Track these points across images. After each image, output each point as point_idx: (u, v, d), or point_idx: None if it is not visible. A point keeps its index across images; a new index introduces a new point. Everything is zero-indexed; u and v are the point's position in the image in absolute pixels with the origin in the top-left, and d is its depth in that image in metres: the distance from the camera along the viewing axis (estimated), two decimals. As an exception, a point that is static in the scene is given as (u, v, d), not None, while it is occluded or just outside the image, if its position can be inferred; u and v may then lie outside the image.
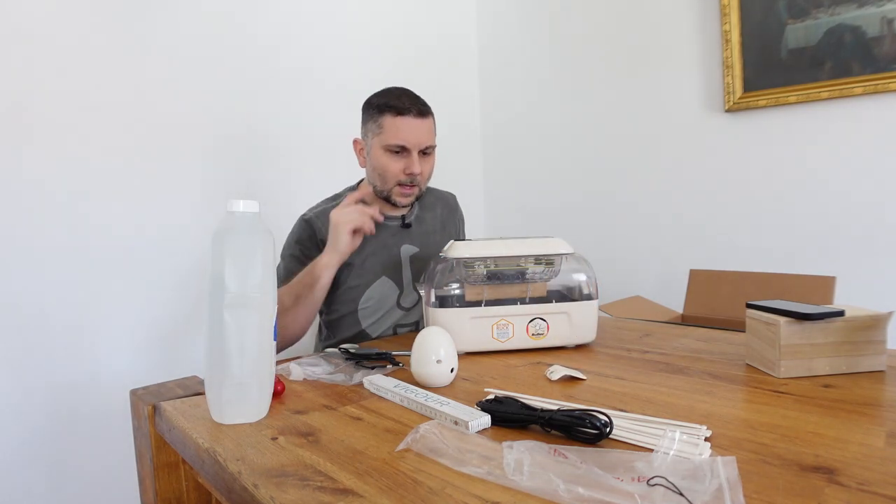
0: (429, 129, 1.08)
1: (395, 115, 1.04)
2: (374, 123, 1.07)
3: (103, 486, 1.28)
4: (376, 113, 1.06)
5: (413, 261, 1.16)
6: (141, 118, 1.35)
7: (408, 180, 1.07)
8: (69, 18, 1.24)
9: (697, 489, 0.40)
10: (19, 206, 1.18)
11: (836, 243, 1.46)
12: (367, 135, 1.10)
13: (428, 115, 1.07)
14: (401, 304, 1.15)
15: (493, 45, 2.24)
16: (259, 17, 1.58)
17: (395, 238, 1.15)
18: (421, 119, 1.05)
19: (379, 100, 1.07)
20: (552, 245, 0.92)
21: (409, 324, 1.18)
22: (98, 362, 1.28)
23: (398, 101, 1.04)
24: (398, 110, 1.04)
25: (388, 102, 1.05)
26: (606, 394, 0.67)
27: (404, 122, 1.04)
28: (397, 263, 1.14)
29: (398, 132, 1.04)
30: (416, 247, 1.17)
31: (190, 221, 1.42)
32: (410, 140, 1.04)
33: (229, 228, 0.62)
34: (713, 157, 1.67)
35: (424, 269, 1.16)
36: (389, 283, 1.13)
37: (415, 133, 1.05)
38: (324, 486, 0.46)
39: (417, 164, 1.06)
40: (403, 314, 1.16)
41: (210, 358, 0.62)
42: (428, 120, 1.08)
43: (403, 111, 1.04)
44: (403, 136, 1.04)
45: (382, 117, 1.05)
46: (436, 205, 1.26)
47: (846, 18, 1.39)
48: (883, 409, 0.58)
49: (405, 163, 1.06)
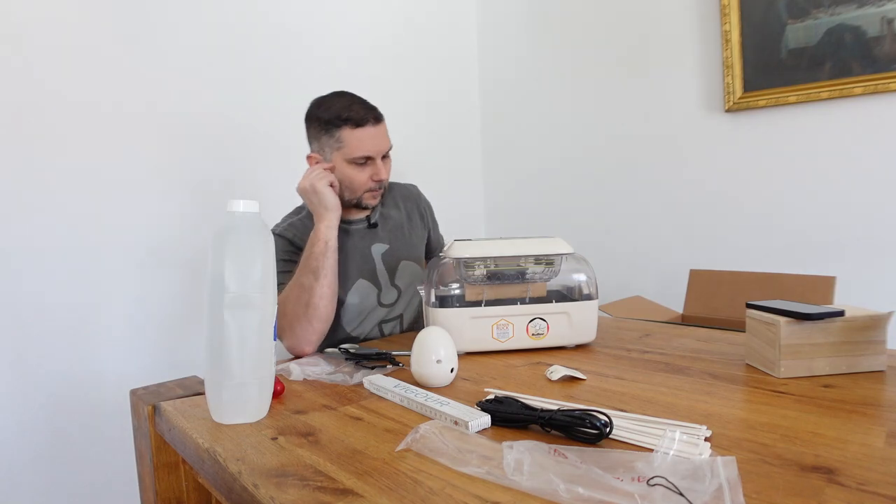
0: (385, 132, 1.09)
1: (353, 127, 1.03)
2: (330, 138, 1.05)
3: (103, 486, 1.28)
4: (332, 128, 1.04)
5: (385, 258, 1.16)
6: (141, 118, 1.35)
7: (376, 186, 1.10)
8: (69, 19, 1.23)
9: (697, 489, 0.40)
10: (19, 205, 1.18)
11: (836, 243, 1.46)
12: (323, 149, 1.07)
13: (382, 119, 1.08)
14: (381, 301, 1.15)
15: (493, 45, 2.24)
16: (259, 18, 1.58)
17: (364, 240, 1.16)
18: (378, 125, 1.06)
19: (329, 113, 1.05)
20: (552, 245, 0.92)
21: (393, 318, 1.18)
22: (98, 362, 1.28)
23: (353, 112, 1.03)
24: (356, 122, 1.03)
25: (342, 115, 1.03)
26: (606, 394, 0.67)
27: (365, 132, 1.03)
28: (371, 264, 1.15)
29: (361, 144, 1.04)
30: (385, 244, 1.17)
31: (190, 221, 1.42)
32: (374, 150, 1.05)
33: (229, 228, 0.63)
34: (713, 157, 1.67)
35: (398, 263, 1.18)
36: (367, 284, 1.13)
37: (377, 142, 1.06)
38: (324, 486, 0.46)
39: (384, 171, 1.09)
40: (387, 311, 1.17)
41: (210, 358, 0.62)
42: (383, 124, 1.08)
43: (361, 122, 1.03)
44: (367, 147, 1.04)
45: (340, 131, 1.04)
46: (398, 200, 1.26)
47: (846, 18, 1.39)
48: (883, 409, 0.58)
49: (371, 171, 1.07)
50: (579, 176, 2.00)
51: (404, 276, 1.18)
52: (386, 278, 1.16)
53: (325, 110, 1.06)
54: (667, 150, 1.76)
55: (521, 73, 2.15)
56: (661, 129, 1.77)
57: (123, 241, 1.32)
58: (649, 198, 1.82)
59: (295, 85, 1.65)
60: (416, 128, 2.04)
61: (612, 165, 1.90)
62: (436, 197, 1.39)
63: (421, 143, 2.05)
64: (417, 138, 2.04)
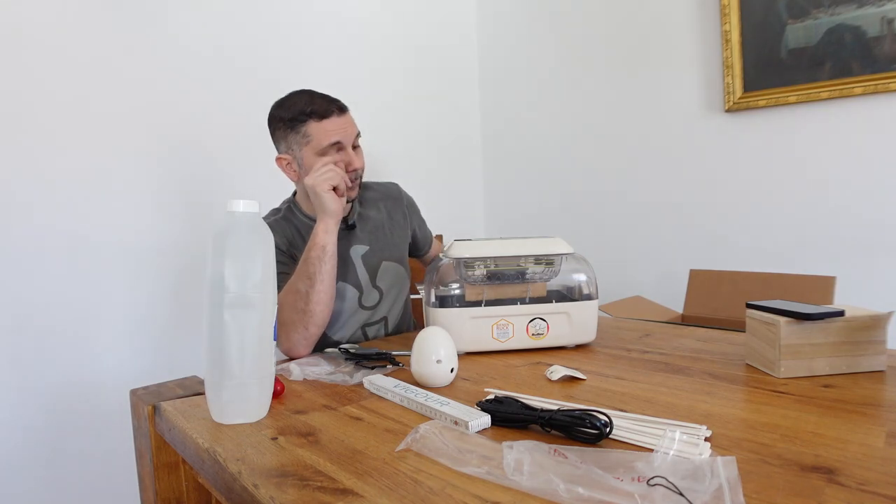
0: (351, 120, 1.07)
1: (318, 119, 1.03)
2: (297, 135, 1.04)
3: (103, 486, 1.28)
4: (297, 124, 1.04)
5: (366, 260, 1.14)
6: (141, 118, 1.35)
7: (352, 176, 1.07)
8: (69, 19, 1.23)
9: (697, 489, 0.40)
10: (19, 205, 1.18)
11: (836, 243, 1.46)
12: (291, 148, 1.06)
13: (346, 109, 1.07)
14: (363, 304, 1.14)
15: (493, 45, 2.24)
16: (259, 19, 1.58)
17: (342, 242, 1.12)
18: (343, 115, 1.05)
19: (291, 111, 1.04)
20: (552, 245, 0.92)
21: (377, 321, 1.16)
22: (98, 362, 1.28)
23: (315, 106, 1.03)
24: (320, 114, 1.03)
25: (305, 110, 1.03)
26: (606, 394, 0.67)
27: (331, 122, 1.03)
28: (350, 266, 1.13)
29: (328, 133, 1.03)
30: (365, 245, 1.15)
31: (190, 221, 1.42)
32: (342, 136, 1.04)
33: (229, 228, 0.62)
34: (713, 157, 1.67)
35: (379, 264, 1.15)
36: (347, 287, 1.12)
37: (344, 129, 1.04)
38: (324, 486, 0.46)
39: (356, 160, 1.07)
40: (369, 314, 1.15)
41: (210, 358, 0.62)
42: (348, 113, 1.07)
43: (326, 113, 1.03)
44: (335, 134, 1.03)
45: (305, 126, 1.03)
46: (377, 200, 1.24)
47: (846, 18, 1.39)
48: (883, 409, 0.58)
49: (343, 160, 1.06)
50: (579, 176, 2.00)
51: (386, 278, 1.16)
52: (367, 280, 1.14)
53: (287, 109, 1.05)
54: (667, 149, 1.76)
55: (521, 73, 2.15)
56: (661, 128, 1.77)
57: (123, 240, 1.32)
58: (649, 198, 1.82)
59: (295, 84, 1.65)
60: (416, 128, 2.04)
61: (612, 165, 1.90)
62: (436, 197, 1.38)
63: (421, 144, 2.05)
64: (417, 138, 2.04)
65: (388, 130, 1.92)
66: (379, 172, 1.88)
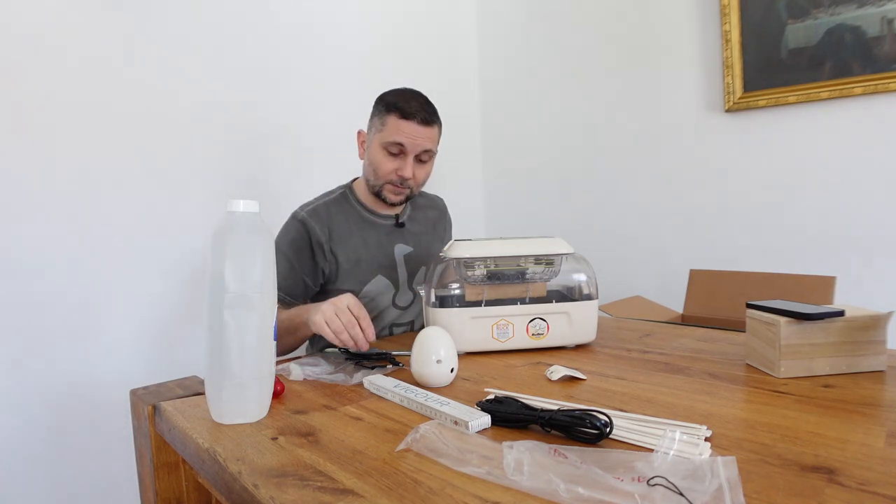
0: (430, 136, 1.08)
1: (399, 116, 1.04)
2: (378, 120, 1.08)
3: (103, 486, 1.28)
4: (384, 110, 1.07)
5: (407, 260, 1.17)
6: (141, 118, 1.35)
7: (398, 181, 1.08)
8: (70, 17, 1.23)
9: (697, 489, 0.40)
10: (19, 205, 1.18)
11: (836, 243, 1.46)
12: (370, 129, 1.11)
13: (433, 125, 1.07)
14: (396, 303, 1.16)
15: (493, 45, 2.24)
16: (260, 18, 1.58)
17: (389, 237, 1.16)
18: (424, 126, 1.06)
19: (390, 98, 1.08)
20: (552, 245, 0.92)
21: (404, 323, 1.18)
22: (98, 362, 1.28)
23: (406, 104, 1.05)
24: (404, 113, 1.04)
25: (397, 103, 1.05)
26: (606, 394, 0.67)
27: (407, 125, 1.04)
28: (392, 262, 1.15)
29: (398, 132, 1.05)
30: (409, 246, 1.18)
31: (190, 221, 1.42)
32: (407, 142, 1.05)
33: (229, 228, 0.62)
34: (713, 157, 1.67)
35: (418, 268, 1.17)
36: (385, 282, 1.14)
37: (413, 137, 1.05)
38: (324, 486, 0.46)
39: (409, 169, 1.07)
40: (399, 313, 1.17)
41: (210, 358, 0.62)
42: (432, 128, 1.07)
43: (409, 115, 1.04)
44: (402, 136, 1.05)
45: (388, 116, 1.06)
46: (426, 207, 1.28)
47: (846, 18, 1.39)
48: (883, 409, 0.58)
49: (399, 164, 1.07)
50: (580, 176, 2.00)
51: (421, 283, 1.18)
52: (405, 279, 1.16)
53: (390, 95, 1.09)
54: (667, 149, 1.76)
55: (521, 74, 2.15)
56: (661, 128, 1.77)
57: (123, 240, 1.32)
58: (649, 198, 1.82)
59: (295, 84, 1.65)
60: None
61: (612, 165, 1.90)
62: (435, 197, 1.39)
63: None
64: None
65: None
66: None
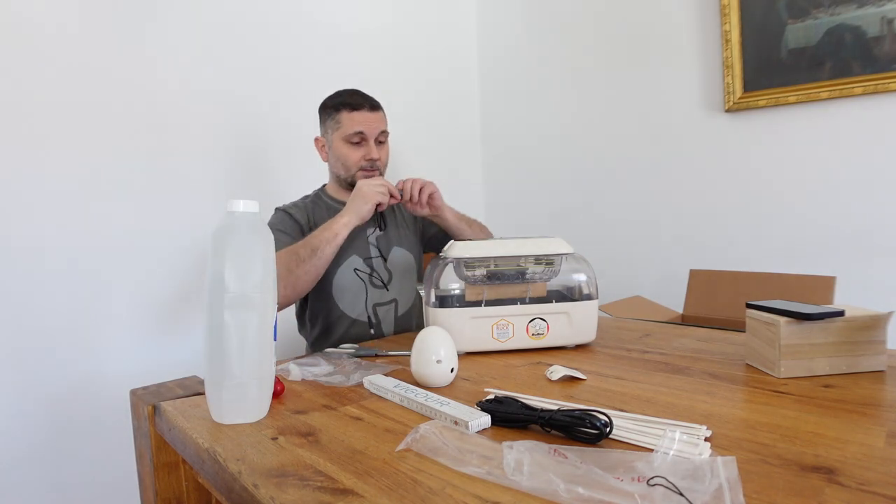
0: (380, 118, 1.22)
1: (350, 110, 1.19)
2: (332, 121, 1.21)
3: (103, 486, 1.28)
4: (333, 111, 1.21)
5: (379, 240, 1.25)
6: (141, 118, 1.35)
7: (368, 165, 1.20)
8: (70, 17, 1.23)
9: (697, 489, 0.40)
10: (19, 205, 1.18)
11: (836, 243, 1.46)
12: (326, 132, 1.24)
13: (379, 109, 1.23)
14: (374, 282, 1.22)
15: (493, 44, 2.24)
16: (260, 19, 1.58)
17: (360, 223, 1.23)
18: (374, 111, 1.21)
19: (334, 101, 1.22)
20: (552, 245, 0.92)
21: (386, 302, 1.23)
22: (98, 362, 1.28)
23: (352, 99, 1.20)
24: (353, 106, 1.19)
25: (344, 101, 1.20)
26: (606, 394, 0.67)
27: (360, 115, 1.19)
28: (364, 244, 1.23)
29: (354, 123, 1.18)
30: (380, 230, 1.26)
31: (190, 221, 1.42)
32: (367, 128, 1.19)
33: (229, 228, 0.62)
34: (713, 157, 1.67)
35: (390, 248, 1.24)
36: (359, 261, 1.20)
37: (370, 122, 1.19)
38: (324, 486, 0.46)
39: (375, 151, 1.20)
40: (379, 293, 1.22)
41: (210, 358, 0.62)
42: (380, 112, 1.23)
43: (358, 106, 1.19)
44: (360, 125, 1.18)
45: (340, 114, 1.19)
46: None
47: (846, 18, 1.39)
48: (883, 409, 0.58)
49: (364, 150, 1.20)
50: (579, 176, 2.00)
51: (396, 261, 1.25)
52: (379, 260, 1.23)
53: (332, 98, 1.23)
54: (667, 150, 1.76)
55: (521, 74, 2.15)
56: (661, 129, 1.77)
57: (123, 240, 1.32)
58: (649, 198, 1.82)
59: (295, 84, 1.65)
60: (416, 127, 2.04)
61: (612, 165, 1.90)
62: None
63: (421, 143, 2.05)
64: (417, 138, 2.04)
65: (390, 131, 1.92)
66: (379, 172, 1.88)
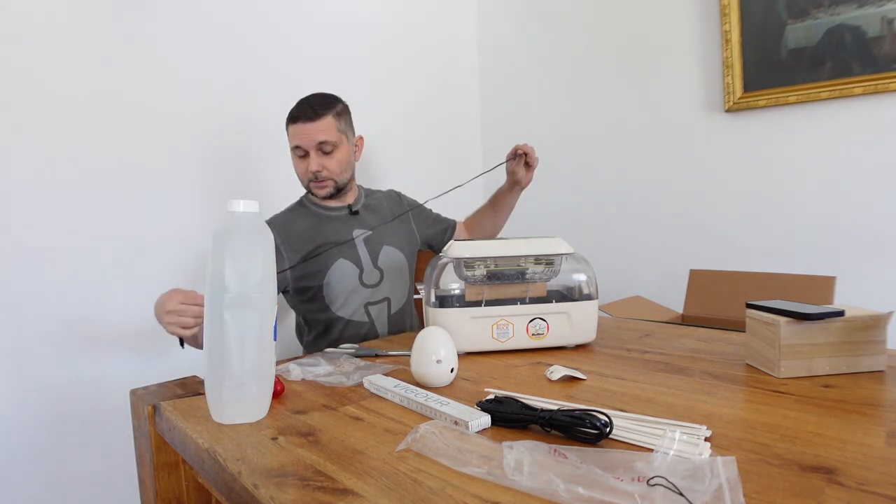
0: (319, 128, 1.15)
1: (291, 122, 1.16)
2: (287, 134, 1.19)
3: (103, 486, 1.28)
4: (287, 123, 1.18)
5: (367, 241, 1.23)
6: (141, 118, 1.35)
7: (312, 176, 1.17)
8: (67, 18, 1.23)
9: (697, 489, 0.40)
10: (19, 205, 1.18)
11: (836, 243, 1.46)
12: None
13: (319, 118, 1.14)
14: (364, 281, 1.21)
15: (493, 45, 2.24)
16: (259, 18, 1.57)
17: (346, 225, 1.23)
18: (310, 122, 1.14)
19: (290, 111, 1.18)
20: (552, 245, 0.92)
21: (378, 301, 1.22)
22: (98, 362, 1.28)
23: (295, 110, 1.16)
24: (292, 118, 1.16)
25: (290, 113, 1.17)
26: (606, 394, 0.67)
27: (295, 127, 1.15)
28: (351, 245, 1.21)
29: (293, 137, 1.16)
30: (367, 230, 1.24)
31: (190, 221, 1.42)
32: (303, 141, 1.15)
33: (229, 228, 0.62)
34: (713, 157, 1.67)
35: (379, 248, 1.23)
36: (347, 264, 1.19)
37: (306, 134, 1.14)
38: (324, 486, 0.46)
39: (314, 163, 1.16)
40: (370, 292, 1.22)
41: (210, 358, 0.62)
42: (319, 121, 1.14)
43: (295, 119, 1.15)
44: (297, 139, 1.15)
45: (288, 127, 1.17)
46: (381, 198, 1.35)
47: (846, 18, 1.39)
48: (883, 409, 0.58)
49: (307, 163, 1.17)
50: (579, 176, 2.00)
51: (386, 260, 1.23)
52: (368, 260, 1.22)
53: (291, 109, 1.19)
54: (667, 149, 1.76)
55: (521, 73, 2.15)
56: (661, 128, 1.77)
57: (123, 240, 1.32)
58: (649, 197, 1.82)
59: (295, 84, 1.65)
60: (416, 127, 2.04)
61: (612, 165, 1.90)
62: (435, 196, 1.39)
63: (421, 144, 2.05)
64: (417, 138, 2.04)
65: (388, 131, 1.92)
66: (378, 172, 1.88)
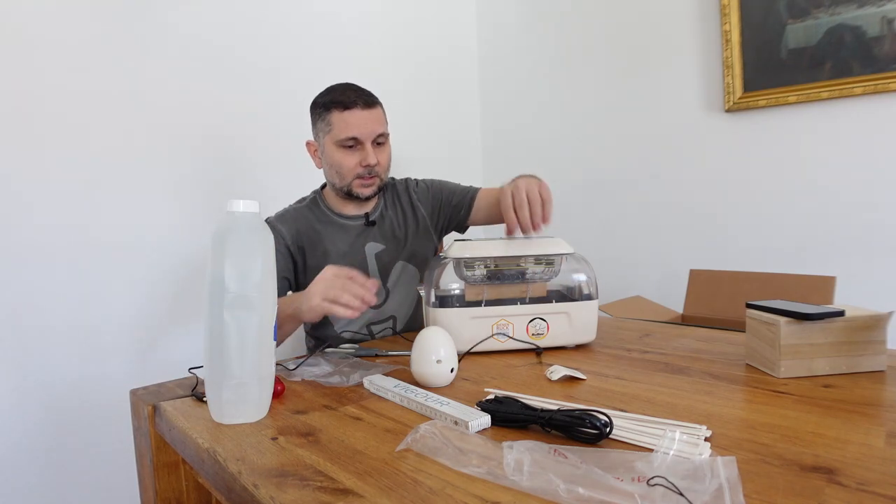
0: (377, 118, 1.07)
1: (342, 110, 1.04)
2: (323, 122, 1.07)
3: (103, 486, 1.28)
4: (324, 111, 1.06)
5: (379, 258, 1.15)
6: (140, 118, 1.35)
7: (365, 172, 1.07)
8: (68, 19, 1.23)
9: (697, 489, 0.40)
10: (18, 206, 1.18)
11: (836, 243, 1.46)
12: (318, 135, 1.10)
13: (375, 106, 1.07)
14: None
15: (493, 45, 2.24)
16: (258, 19, 1.58)
17: (359, 238, 1.15)
18: (368, 110, 1.06)
19: (324, 98, 1.07)
20: (552, 245, 0.92)
21: (382, 321, 1.16)
22: (98, 362, 1.28)
23: (343, 96, 1.05)
24: (344, 105, 1.04)
25: (334, 99, 1.05)
26: (606, 394, 0.67)
27: (352, 115, 1.04)
28: (363, 262, 1.14)
29: (348, 126, 1.04)
30: (380, 244, 1.16)
31: (189, 221, 1.42)
32: (361, 132, 1.05)
33: (229, 228, 0.62)
34: (713, 157, 1.67)
35: (391, 266, 1.16)
36: None
37: (364, 124, 1.05)
38: (324, 486, 0.46)
39: (373, 155, 1.06)
40: (375, 312, 1.15)
41: (210, 358, 0.62)
42: (376, 110, 1.07)
43: (349, 105, 1.04)
44: (353, 129, 1.04)
45: (330, 114, 1.05)
46: (394, 199, 1.23)
47: (846, 18, 1.39)
48: (883, 409, 0.58)
49: (360, 155, 1.06)
50: (579, 176, 2.00)
51: (396, 278, 1.17)
52: (377, 278, 1.15)
53: (322, 96, 1.08)
54: (667, 149, 1.76)
55: (521, 73, 2.15)
56: (661, 128, 1.77)
57: (123, 240, 1.32)
58: (649, 198, 1.82)
59: (295, 83, 1.65)
60: (416, 127, 2.04)
61: (612, 165, 1.90)
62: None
63: (421, 144, 2.05)
64: (417, 137, 2.04)
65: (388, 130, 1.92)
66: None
